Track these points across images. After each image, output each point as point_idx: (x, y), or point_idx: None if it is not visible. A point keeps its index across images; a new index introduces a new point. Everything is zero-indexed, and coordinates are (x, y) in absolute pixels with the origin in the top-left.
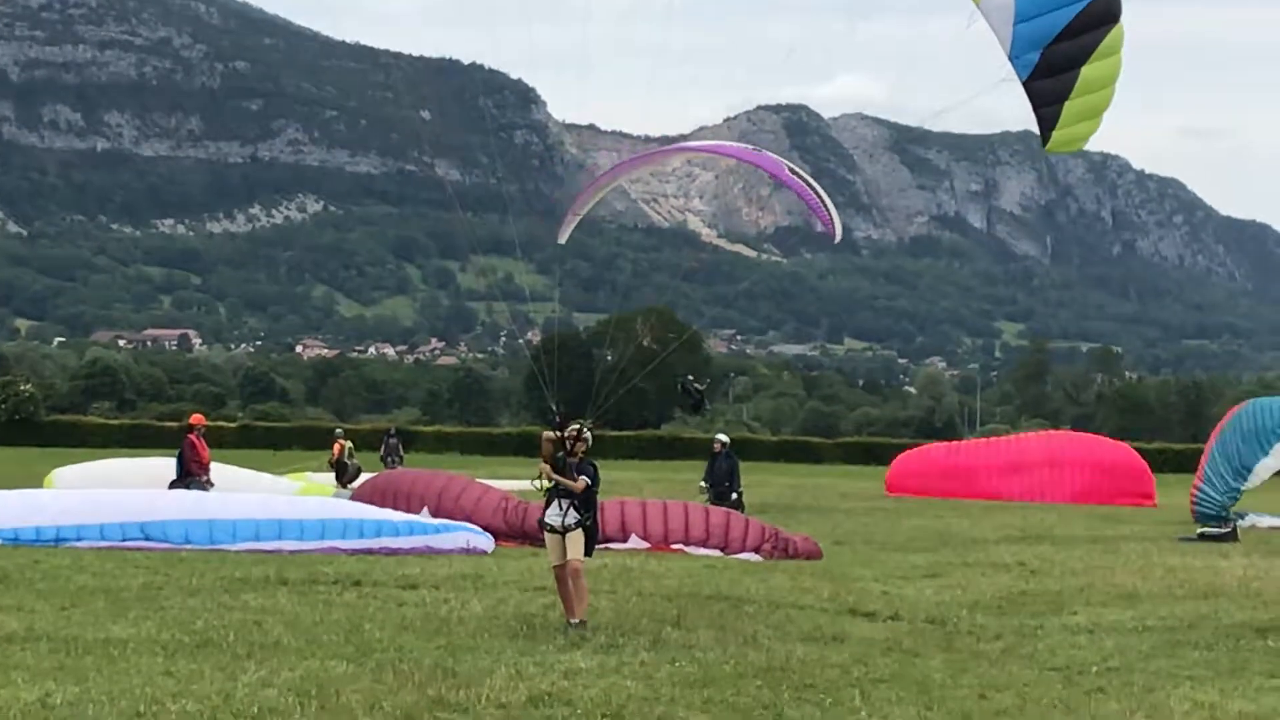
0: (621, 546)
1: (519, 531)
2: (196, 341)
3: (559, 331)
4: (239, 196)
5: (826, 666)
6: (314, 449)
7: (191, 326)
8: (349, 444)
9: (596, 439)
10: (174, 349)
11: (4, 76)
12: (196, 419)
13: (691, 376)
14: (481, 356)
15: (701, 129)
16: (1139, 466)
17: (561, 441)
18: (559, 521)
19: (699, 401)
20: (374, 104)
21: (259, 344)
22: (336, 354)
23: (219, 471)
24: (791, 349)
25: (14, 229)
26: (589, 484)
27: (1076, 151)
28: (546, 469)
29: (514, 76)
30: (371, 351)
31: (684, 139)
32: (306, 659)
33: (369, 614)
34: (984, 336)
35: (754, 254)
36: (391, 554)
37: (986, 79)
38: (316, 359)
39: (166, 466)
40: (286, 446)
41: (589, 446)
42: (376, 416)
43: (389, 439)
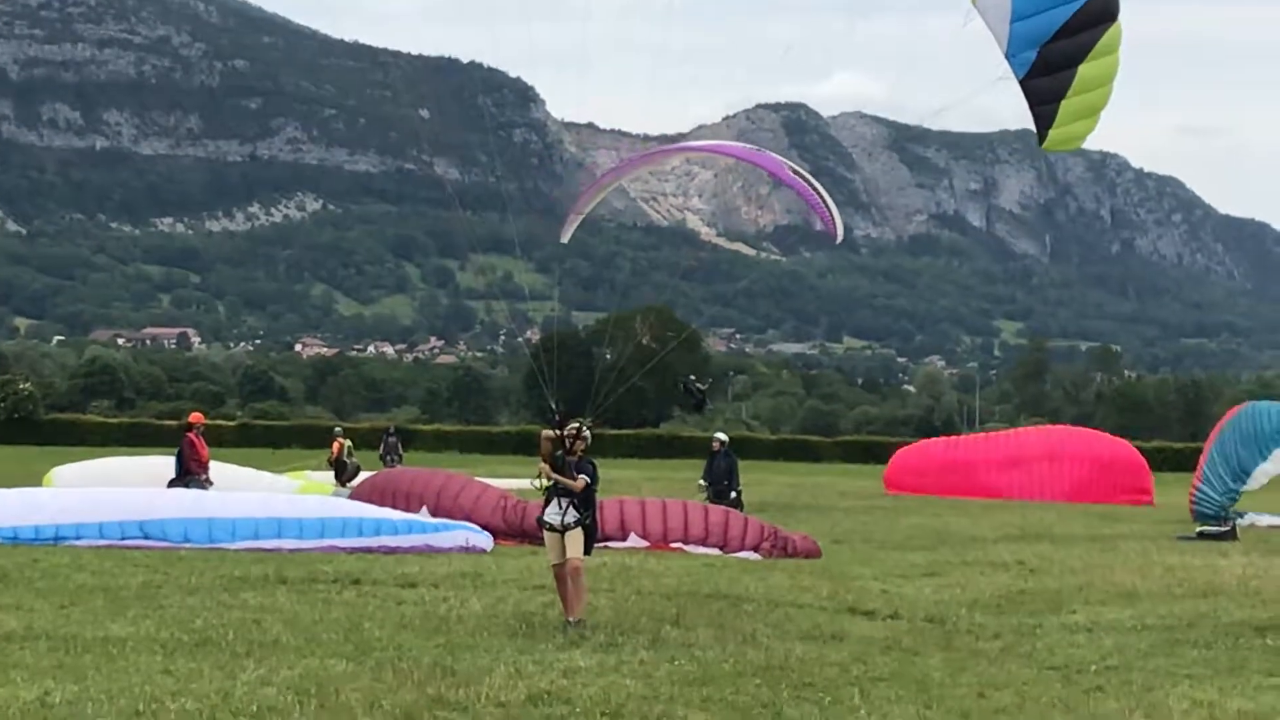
0: (620, 545)
1: (518, 530)
2: (195, 340)
3: (558, 330)
4: (238, 195)
5: (825, 665)
6: (313, 447)
7: (190, 325)
8: (348, 443)
9: (595, 438)
10: (173, 348)
11: (3, 75)
12: (195, 418)
13: (693, 376)
14: (480, 355)
15: (700, 127)
16: (1138, 462)
17: (561, 440)
18: (558, 520)
19: (700, 401)
20: (373, 102)
21: (258, 342)
22: (335, 353)
23: (218, 470)
24: (790, 348)
25: (13, 227)
26: (588, 483)
27: (1074, 150)
28: (546, 468)
29: (513, 75)
30: (370, 350)
31: (683, 137)
32: (306, 657)
33: (368, 612)
34: (983, 335)
35: (753, 252)
36: (390, 552)
37: (985, 77)
38: (315, 357)
39: (166, 465)
40: (285, 445)
41: (588, 445)
42: (375, 415)
43: (388, 438)
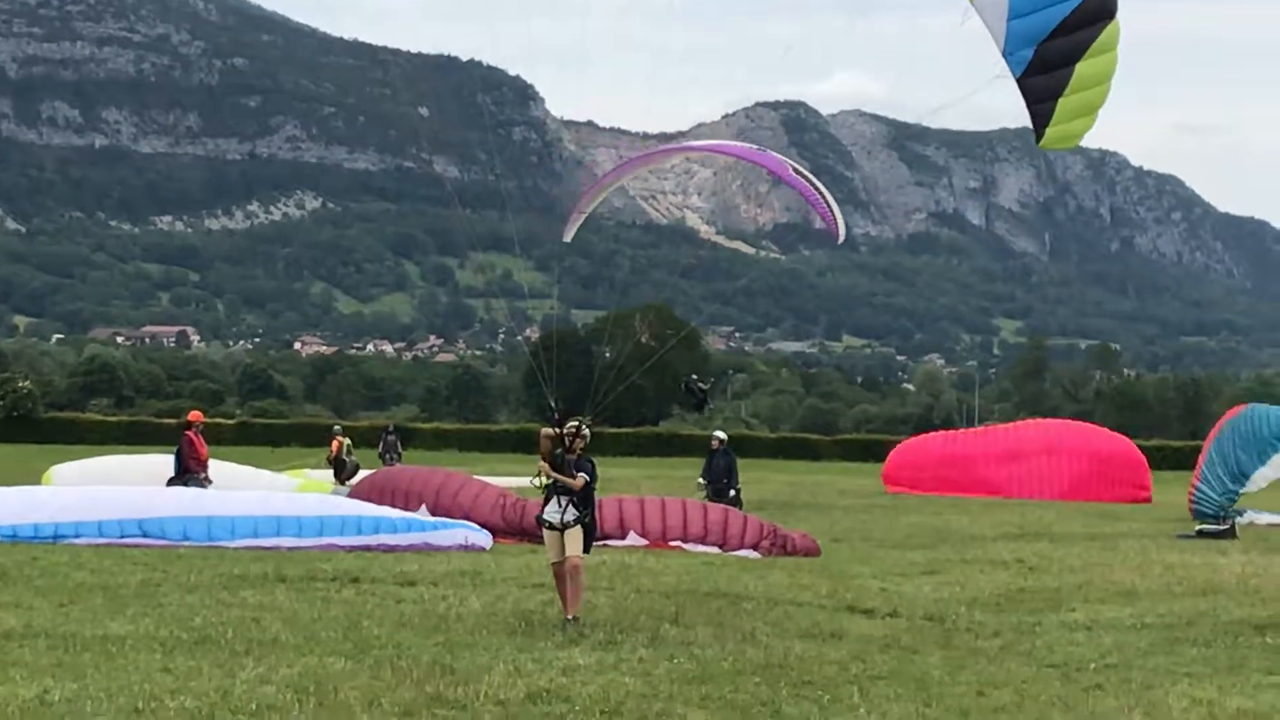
0: (620, 543)
1: (517, 528)
2: (195, 338)
3: (557, 329)
4: (237, 193)
5: (825, 663)
6: (312, 446)
7: (190, 323)
8: (347, 441)
9: (595, 436)
10: (172, 346)
11: (2, 73)
12: (195, 416)
13: (695, 376)
14: (480, 353)
15: (700, 126)
16: (1136, 458)
17: (560, 438)
18: (558, 518)
19: (702, 400)
20: (372, 101)
21: (257, 341)
22: (335, 351)
23: (217, 468)
24: (790, 346)
25: (12, 226)
26: (587, 481)
27: (1072, 148)
28: (545, 466)
29: (512, 73)
30: (370, 348)
31: (682, 136)
32: (305, 656)
33: (367, 611)
34: (982, 333)
35: (752, 251)
36: (390, 551)
37: (984, 76)
38: (315, 356)
39: (165, 463)
40: (285, 443)
41: (587, 443)
42: (375, 413)
43: (387, 436)
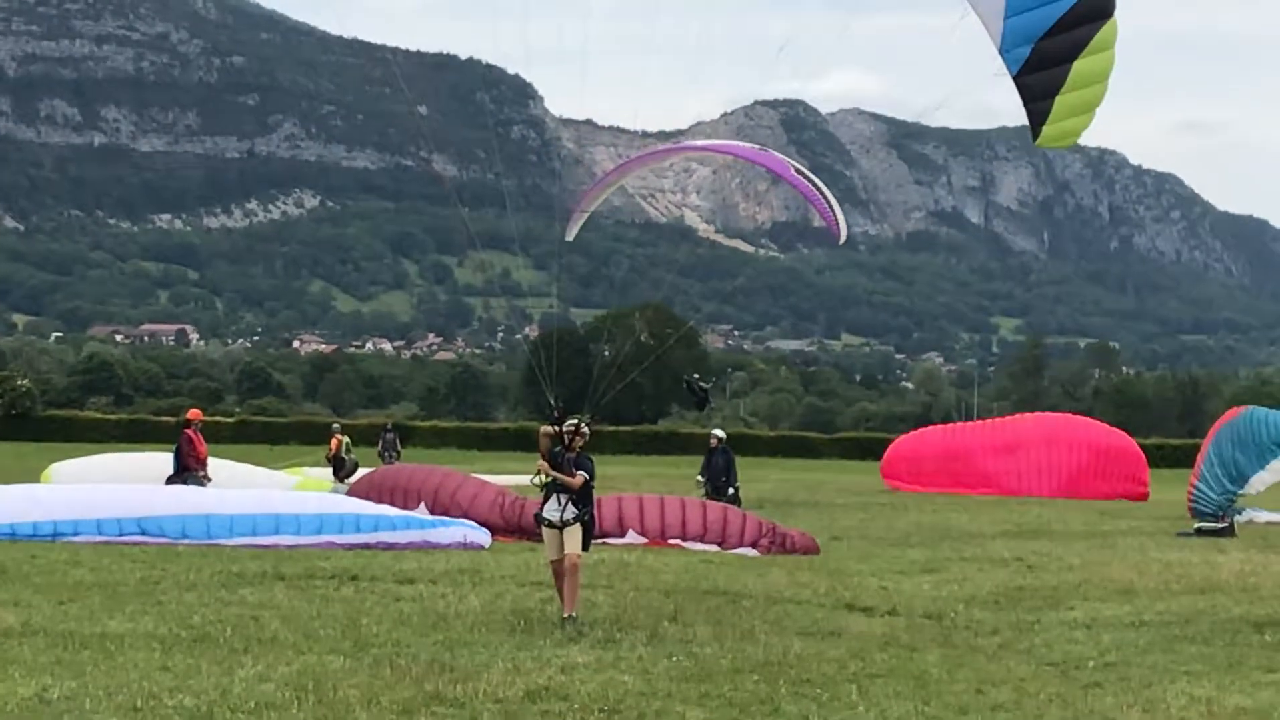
0: (619, 541)
1: (516, 527)
2: (194, 337)
3: (556, 327)
4: (236, 192)
5: (824, 661)
6: (311, 444)
7: (189, 322)
8: (346, 439)
9: (594, 434)
10: (171, 344)
11: (1, 71)
12: (194, 414)
13: (697, 375)
14: (479, 352)
15: (699, 124)
16: (1134, 452)
17: (559, 436)
18: (557, 516)
19: (703, 399)
20: (371, 99)
21: (256, 339)
22: (334, 349)
23: (216, 466)
24: (789, 344)
25: (11, 224)
26: (587, 479)
27: (1069, 147)
28: (545, 466)
29: (511, 71)
30: (369, 347)
31: (681, 134)
32: (303, 654)
33: (366, 609)
34: (981, 332)
35: (751, 249)
36: (388, 549)
37: (982, 74)
38: (314, 354)
39: (164, 461)
40: (284, 442)
41: (586, 441)
42: (374, 412)
43: (386, 434)
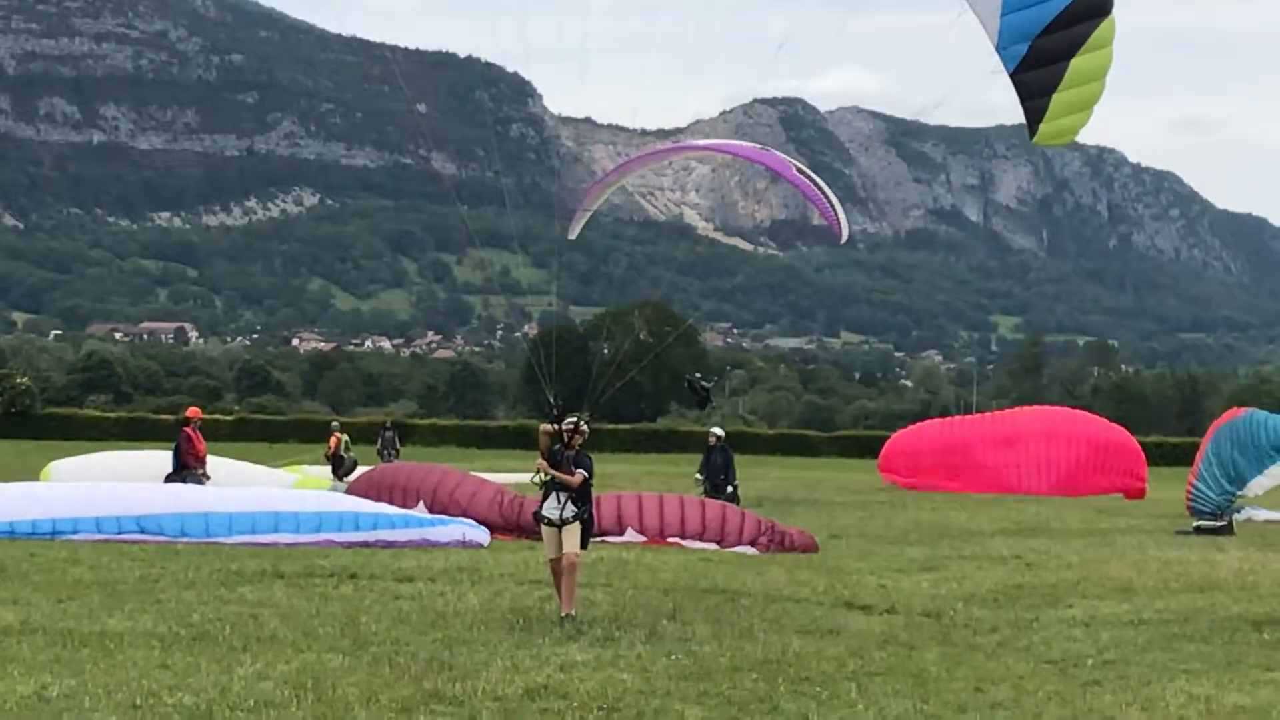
0: (618, 540)
1: (515, 525)
2: (193, 335)
3: (556, 325)
4: (235, 190)
5: (822, 659)
6: (310, 442)
7: (188, 319)
8: (345, 437)
9: (593, 432)
10: (170, 342)
11: (0, 69)
12: (193, 412)
13: (699, 374)
14: (478, 350)
15: (698, 122)
16: (1133, 447)
17: (558, 434)
18: (556, 514)
19: (705, 398)
20: (370, 97)
21: (255, 337)
22: (333, 347)
23: (215, 465)
24: (788, 342)
25: (10, 222)
26: (586, 477)
27: (1066, 144)
28: (544, 464)
29: (510, 70)
30: (368, 345)
31: (680, 132)
32: (303, 652)
33: (365, 607)
34: (980, 330)
35: (750, 247)
36: (387, 547)
37: (980, 72)
38: (313, 352)
39: (163, 459)
40: (283, 439)
41: (585, 439)
42: (373, 410)
43: (385, 432)
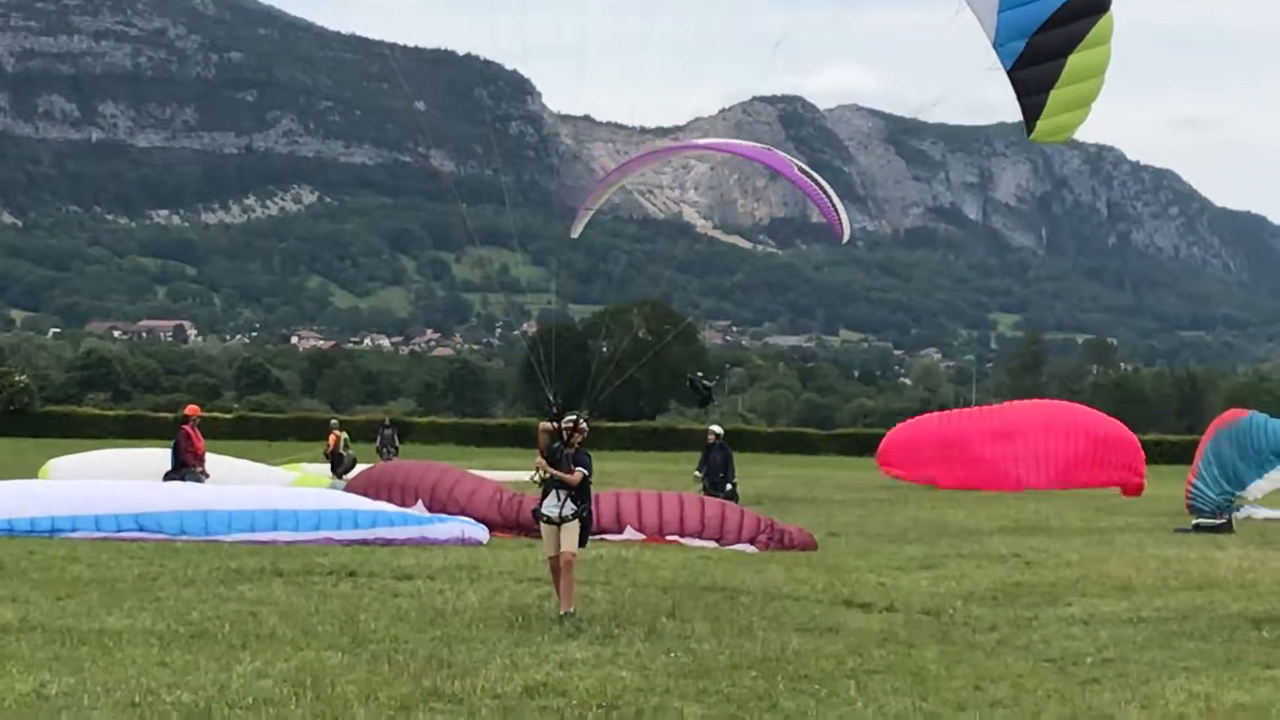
0: (617, 538)
1: (514, 523)
2: (191, 332)
3: (555, 323)
4: (234, 187)
5: (822, 657)
6: (309, 440)
7: (187, 317)
8: (344, 435)
9: (592, 430)
10: (169, 340)
11: None
12: (192, 410)
13: (701, 373)
14: (477, 348)
15: (697, 120)
16: (1131, 441)
17: (558, 432)
18: (555, 512)
19: (706, 396)
20: (369, 95)
21: (254, 335)
22: (332, 345)
23: (214, 462)
24: (787, 340)
25: (9, 220)
26: (585, 475)
27: (1064, 141)
28: (544, 463)
29: (509, 67)
30: (367, 343)
31: (679, 130)
32: (302, 650)
33: (364, 605)
34: (979, 328)
35: (749, 245)
36: (386, 545)
37: (978, 70)
38: (312, 350)
39: (162, 457)
40: (282, 437)
41: (585, 437)
42: (372, 407)
43: (384, 430)
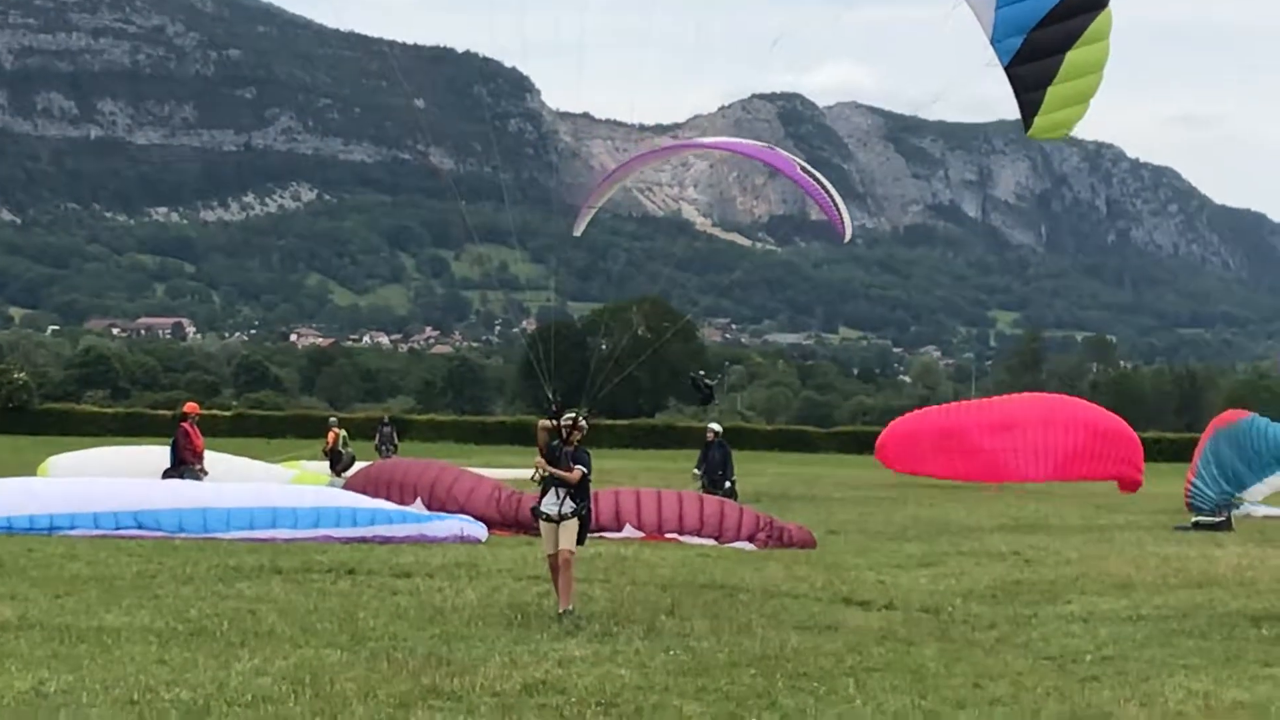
0: (616, 535)
1: (512, 520)
2: (190, 330)
3: (554, 320)
4: (233, 185)
5: (821, 655)
6: (308, 437)
7: (185, 315)
8: (343, 432)
9: (591, 428)
10: (168, 337)
11: None
12: (191, 407)
13: (703, 371)
14: (476, 345)
15: (696, 117)
16: (1131, 435)
17: (557, 430)
18: (555, 510)
19: (708, 395)
20: (368, 92)
21: (253, 332)
22: (331, 342)
23: (213, 460)
24: (786, 338)
25: (8, 217)
26: (585, 473)
27: (1062, 138)
28: (543, 463)
29: (508, 65)
30: (365, 340)
31: (678, 128)
32: (300, 647)
33: (363, 602)
34: (978, 325)
35: (748, 243)
36: (385, 542)
37: (975, 67)
38: (310, 347)
39: (161, 455)
40: (280, 435)
41: (584, 434)
42: (371, 405)
43: (383, 428)
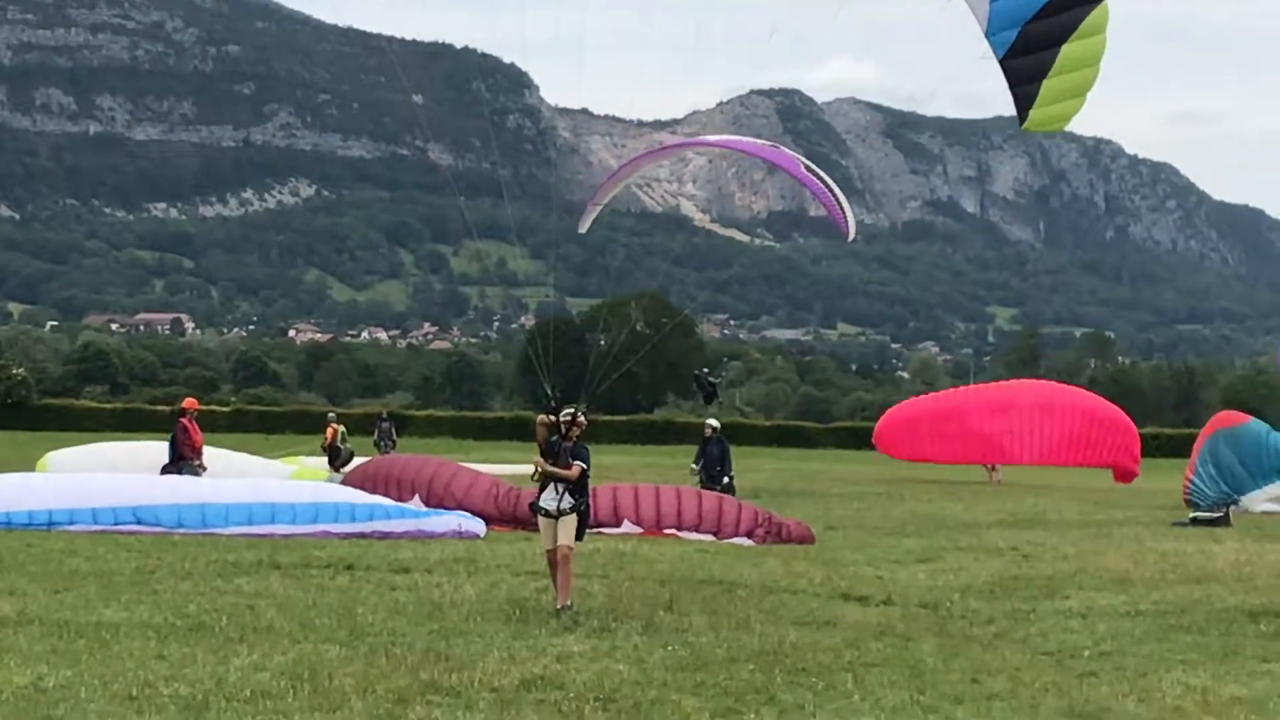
0: (614, 531)
1: (511, 516)
2: (189, 325)
3: (553, 316)
4: (231, 180)
5: (819, 651)
6: (307, 433)
7: (184, 310)
8: (342, 428)
9: (590, 423)
10: (166, 333)
11: None
12: (189, 403)
13: (706, 369)
14: (474, 341)
15: (694, 113)
16: (1128, 424)
17: (556, 425)
18: (554, 506)
19: (712, 393)
20: (366, 88)
21: (251, 328)
22: (329, 338)
23: (212, 456)
24: (784, 334)
25: (6, 213)
26: (583, 469)
27: (1058, 131)
28: (541, 462)
29: (507, 61)
30: (364, 336)
31: (676, 124)
32: (299, 643)
33: (361, 598)
34: (977, 321)
35: (747, 238)
36: (384, 538)
37: (972, 61)
38: (309, 343)
39: (159, 450)
40: (279, 431)
41: (583, 430)
42: (369, 401)
43: (382, 423)
